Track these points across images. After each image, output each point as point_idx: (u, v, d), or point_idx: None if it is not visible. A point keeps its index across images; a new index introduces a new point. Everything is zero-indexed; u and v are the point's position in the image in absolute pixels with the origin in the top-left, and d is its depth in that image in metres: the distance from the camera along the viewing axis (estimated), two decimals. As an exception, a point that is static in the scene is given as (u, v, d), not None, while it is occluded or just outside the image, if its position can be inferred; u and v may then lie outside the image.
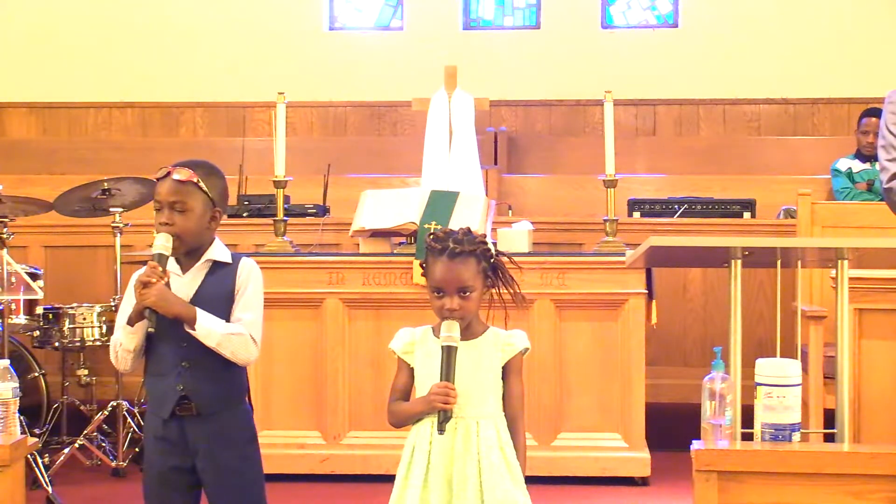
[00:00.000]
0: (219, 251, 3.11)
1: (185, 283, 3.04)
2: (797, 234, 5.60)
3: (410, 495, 2.86)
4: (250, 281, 3.10)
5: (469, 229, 2.96)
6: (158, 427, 3.07)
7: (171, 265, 3.04)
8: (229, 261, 3.11)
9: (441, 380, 2.83)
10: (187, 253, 3.07)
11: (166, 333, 2.99)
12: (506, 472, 2.85)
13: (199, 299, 3.03)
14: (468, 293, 2.87)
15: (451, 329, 2.85)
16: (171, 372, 3.03)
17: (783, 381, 3.02)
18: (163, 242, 3.00)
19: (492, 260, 2.95)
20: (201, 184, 3.06)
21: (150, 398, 3.14)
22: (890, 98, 3.90)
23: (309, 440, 5.04)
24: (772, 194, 6.79)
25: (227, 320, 3.03)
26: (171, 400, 3.02)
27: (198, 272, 3.08)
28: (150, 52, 8.83)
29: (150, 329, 2.96)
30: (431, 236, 2.94)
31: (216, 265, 3.10)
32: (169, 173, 3.05)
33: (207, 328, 2.99)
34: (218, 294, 3.05)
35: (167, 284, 2.98)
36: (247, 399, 3.17)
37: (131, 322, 2.99)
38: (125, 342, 3.03)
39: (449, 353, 2.83)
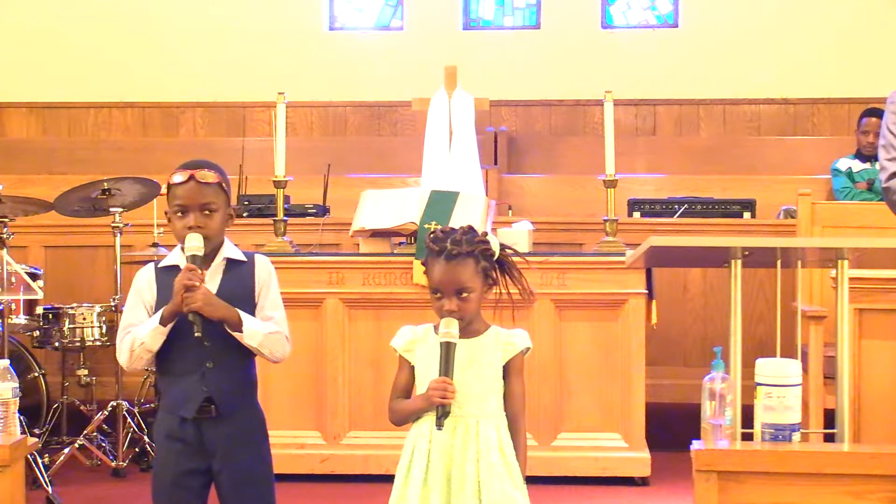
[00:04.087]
0: (232, 250, 3.11)
1: (204, 284, 3.00)
2: (797, 234, 5.60)
3: (411, 494, 2.85)
4: (272, 278, 3.12)
5: (470, 228, 2.95)
6: (174, 428, 3.04)
7: None
8: (244, 259, 3.11)
9: (440, 375, 2.82)
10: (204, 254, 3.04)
11: (188, 333, 2.95)
12: (504, 472, 2.84)
13: (219, 298, 3.01)
14: (466, 294, 2.87)
15: (450, 325, 2.84)
16: (194, 372, 3.01)
17: (783, 381, 3.02)
18: (196, 243, 2.97)
19: (493, 258, 2.94)
20: (224, 185, 3.07)
21: (167, 398, 3.10)
22: (891, 99, 3.90)
23: (309, 440, 5.04)
24: (772, 194, 6.80)
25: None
26: (196, 400, 3.00)
27: (215, 272, 3.06)
28: (150, 52, 8.83)
29: (197, 334, 2.93)
30: (431, 236, 2.93)
31: (231, 263, 3.09)
32: (192, 176, 3.00)
33: (252, 329, 3.00)
34: (237, 293, 3.04)
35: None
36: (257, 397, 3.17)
37: (165, 322, 2.96)
38: (149, 342, 2.98)
39: (447, 350, 2.83)
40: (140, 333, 3.00)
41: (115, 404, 5.20)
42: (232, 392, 3.05)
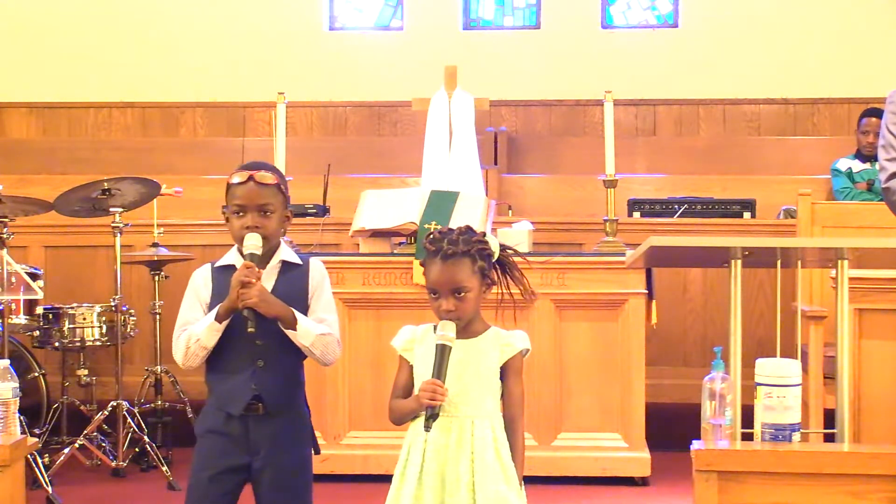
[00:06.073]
0: (288, 252, 3.15)
1: (260, 281, 3.02)
2: (797, 234, 5.60)
3: (405, 493, 2.86)
4: (325, 281, 3.16)
5: (468, 228, 2.95)
6: (219, 423, 3.06)
7: None
8: (299, 262, 3.15)
9: (432, 377, 2.82)
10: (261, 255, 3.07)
11: (242, 331, 2.98)
12: (499, 472, 2.83)
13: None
14: (463, 294, 2.86)
15: (446, 328, 2.85)
16: (244, 370, 3.03)
17: (783, 381, 3.03)
18: (255, 242, 3.01)
19: (492, 258, 2.94)
20: (282, 187, 3.12)
21: (215, 395, 3.10)
22: (891, 98, 3.90)
23: (309, 440, 5.03)
24: (772, 194, 6.80)
25: None
26: (244, 398, 3.02)
27: (270, 273, 3.09)
28: (150, 52, 8.83)
29: (250, 329, 2.95)
30: (429, 237, 2.93)
31: (286, 266, 3.12)
32: (251, 177, 3.06)
33: (306, 329, 3.03)
34: (291, 295, 3.07)
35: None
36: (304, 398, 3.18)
37: (220, 319, 2.99)
38: (205, 339, 3.01)
39: (442, 352, 2.83)
40: (196, 330, 3.03)
41: (115, 404, 5.19)
42: (280, 392, 3.07)
